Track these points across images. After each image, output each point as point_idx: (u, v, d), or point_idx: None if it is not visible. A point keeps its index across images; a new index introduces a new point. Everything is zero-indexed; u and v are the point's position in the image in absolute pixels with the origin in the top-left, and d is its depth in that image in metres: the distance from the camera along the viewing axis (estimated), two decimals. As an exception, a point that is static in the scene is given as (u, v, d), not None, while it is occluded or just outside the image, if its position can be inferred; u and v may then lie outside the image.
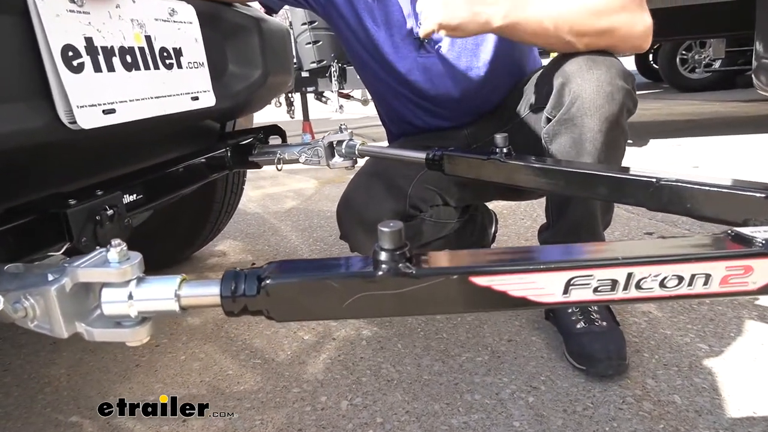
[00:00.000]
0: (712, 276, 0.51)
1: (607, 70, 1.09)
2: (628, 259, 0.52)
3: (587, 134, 1.11)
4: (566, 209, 1.26)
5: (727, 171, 3.02)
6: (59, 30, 0.78)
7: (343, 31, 1.38)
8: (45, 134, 0.78)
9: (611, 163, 1.16)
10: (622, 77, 1.10)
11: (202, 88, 1.12)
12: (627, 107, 1.11)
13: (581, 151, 1.13)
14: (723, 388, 1.14)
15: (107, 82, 0.86)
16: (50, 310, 0.54)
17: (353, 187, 1.37)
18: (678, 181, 0.78)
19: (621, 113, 1.10)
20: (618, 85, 1.09)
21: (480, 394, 1.19)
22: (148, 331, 0.57)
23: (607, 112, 1.09)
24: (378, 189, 1.32)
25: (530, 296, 0.52)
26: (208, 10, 1.18)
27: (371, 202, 1.30)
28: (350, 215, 1.33)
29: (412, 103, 1.42)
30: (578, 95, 1.10)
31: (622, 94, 1.09)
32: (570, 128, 1.13)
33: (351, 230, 1.35)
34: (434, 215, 1.36)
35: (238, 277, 0.55)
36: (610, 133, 1.11)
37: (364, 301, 0.53)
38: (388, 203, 1.29)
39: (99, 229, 0.85)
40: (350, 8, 1.33)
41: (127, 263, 0.54)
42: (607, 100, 1.08)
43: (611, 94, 1.08)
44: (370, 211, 1.29)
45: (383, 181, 1.33)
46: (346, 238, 1.38)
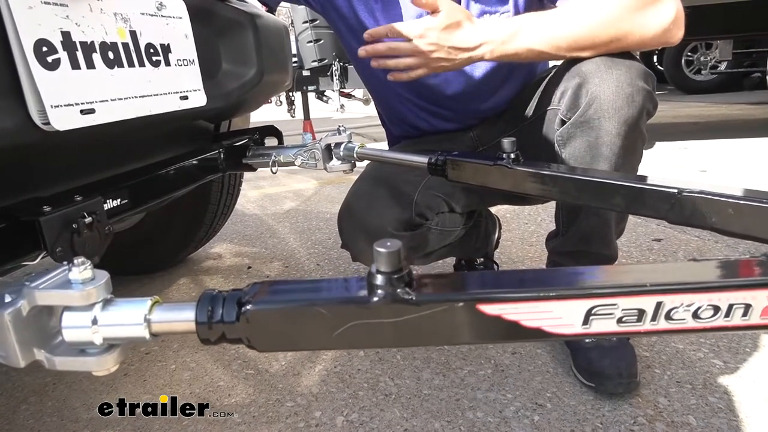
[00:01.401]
0: (753, 306, 0.45)
1: (627, 70, 1.03)
2: (656, 285, 0.46)
3: (604, 138, 1.05)
4: (578, 217, 1.20)
5: (736, 176, 2.95)
6: (32, 23, 0.72)
7: (343, 31, 1.32)
8: (15, 136, 0.72)
9: (628, 170, 1.09)
10: (642, 78, 1.04)
11: (192, 86, 1.06)
12: (647, 110, 1.05)
13: (597, 156, 1.07)
14: (740, 408, 1.08)
15: (86, 80, 0.80)
16: (3, 337, 0.48)
17: (355, 194, 1.30)
18: (702, 193, 0.72)
19: (641, 116, 1.04)
20: (638, 86, 1.02)
21: (482, 412, 1.13)
22: (115, 359, 0.50)
23: (626, 115, 1.02)
24: (382, 196, 1.24)
25: (546, 327, 0.46)
26: (199, 4, 1.11)
27: (375, 209, 1.23)
28: (352, 224, 1.26)
29: (414, 105, 1.35)
30: (596, 96, 1.04)
31: (642, 96, 1.03)
32: (586, 131, 1.07)
33: (353, 239, 1.27)
34: (440, 223, 1.29)
35: (215, 301, 0.49)
36: (629, 137, 1.05)
37: (357, 330, 0.46)
38: (392, 211, 1.22)
39: (76, 238, 0.79)
40: (350, 8, 1.26)
41: (92, 284, 0.48)
42: (627, 101, 1.02)
43: (631, 95, 1.02)
44: (373, 220, 1.22)
45: (387, 187, 1.26)
46: (347, 247, 1.30)
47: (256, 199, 3.22)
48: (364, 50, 1.12)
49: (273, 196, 3.26)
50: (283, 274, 1.99)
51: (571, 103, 1.08)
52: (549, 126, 1.20)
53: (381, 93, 1.43)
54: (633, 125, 1.04)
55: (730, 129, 4.52)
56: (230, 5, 1.23)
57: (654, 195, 0.77)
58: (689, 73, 7.37)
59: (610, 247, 1.23)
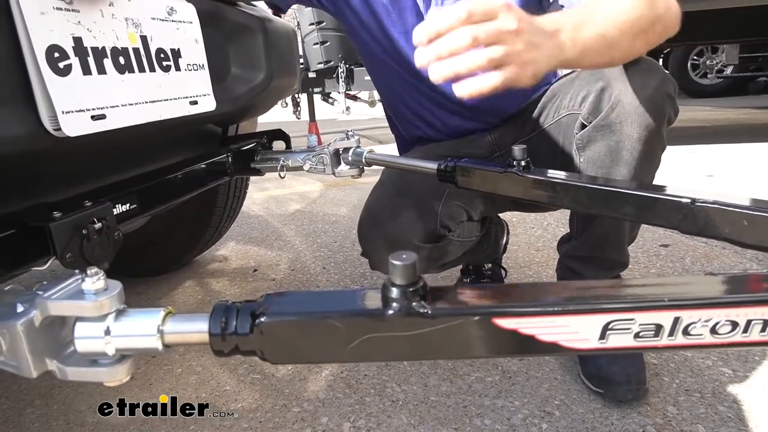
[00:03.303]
0: (772, 322, 0.45)
1: (650, 75, 1.03)
2: (674, 300, 0.45)
3: (625, 142, 1.04)
4: (592, 222, 1.20)
5: (743, 180, 2.93)
6: (44, 29, 0.71)
7: (357, 29, 1.30)
8: (26, 142, 0.71)
9: (645, 176, 1.09)
10: (665, 84, 1.04)
11: (201, 91, 1.06)
12: (669, 116, 1.05)
13: (616, 160, 1.06)
14: (750, 418, 1.07)
15: (97, 85, 0.80)
16: (16, 347, 0.48)
17: (378, 203, 1.26)
18: (715, 203, 0.71)
19: (662, 122, 1.04)
20: (662, 92, 1.02)
21: (490, 419, 1.12)
22: (127, 370, 0.50)
23: (648, 120, 1.02)
24: (407, 207, 1.21)
25: (562, 341, 0.46)
26: (209, 9, 1.11)
27: (400, 221, 1.20)
28: (377, 235, 1.22)
29: (431, 100, 1.32)
30: (619, 100, 1.03)
31: (665, 102, 1.03)
32: (607, 135, 1.06)
33: (376, 250, 1.23)
34: (460, 234, 1.27)
35: (229, 312, 0.48)
36: (649, 143, 1.05)
37: (371, 343, 0.46)
38: (418, 223, 1.19)
39: (86, 243, 0.78)
40: (365, 5, 1.25)
41: (105, 295, 0.48)
42: (650, 107, 1.02)
43: (654, 101, 1.02)
44: (399, 231, 1.18)
45: (412, 197, 1.22)
46: (368, 255, 1.27)
47: (262, 201, 3.21)
48: (424, 57, 0.72)
49: (278, 198, 3.26)
50: (289, 277, 1.98)
51: (593, 106, 1.08)
52: (568, 130, 1.19)
53: (395, 91, 1.38)
54: (655, 131, 1.04)
55: (736, 133, 4.50)
56: (240, 9, 1.23)
57: (666, 205, 0.76)
58: (695, 76, 7.34)
59: (623, 254, 1.23)
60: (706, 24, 4.55)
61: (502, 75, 0.69)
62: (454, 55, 0.68)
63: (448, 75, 0.70)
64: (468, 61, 0.68)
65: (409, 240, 1.17)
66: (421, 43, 0.71)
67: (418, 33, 0.70)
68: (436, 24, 0.69)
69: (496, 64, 0.69)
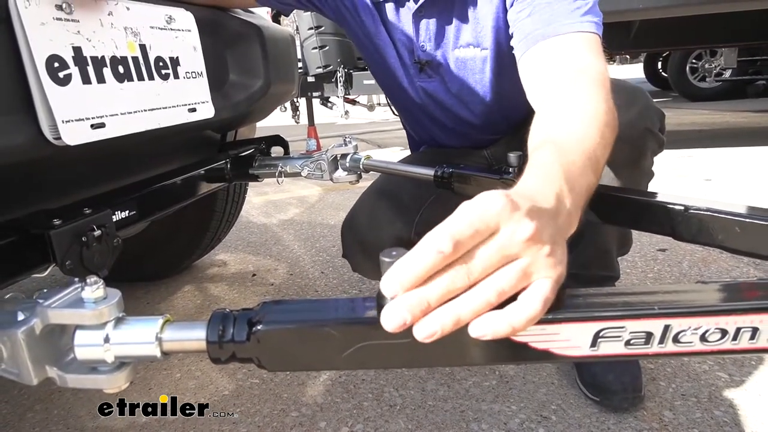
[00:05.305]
0: (761, 330, 0.46)
1: (627, 110, 1.03)
2: (664, 309, 0.46)
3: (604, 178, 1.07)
4: (577, 246, 1.21)
5: (741, 185, 2.94)
6: (44, 39, 0.72)
7: (357, 33, 1.30)
8: (27, 151, 0.72)
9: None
10: (642, 118, 1.05)
11: (200, 99, 1.07)
12: (652, 149, 1.07)
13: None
14: (746, 423, 1.08)
15: (97, 94, 0.81)
16: (17, 355, 0.48)
17: (359, 206, 1.30)
18: (709, 210, 0.72)
19: (643, 157, 1.07)
20: (638, 128, 1.04)
21: (487, 423, 1.13)
22: (126, 377, 0.51)
23: (629, 156, 1.04)
24: (384, 211, 1.24)
25: (554, 349, 0.46)
26: (207, 17, 1.12)
27: (375, 225, 1.23)
28: (352, 237, 1.26)
29: (428, 117, 1.33)
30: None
31: (643, 137, 1.05)
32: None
33: (352, 252, 1.28)
34: None
35: (226, 320, 0.49)
36: (631, 178, 1.08)
37: (366, 351, 0.47)
38: (392, 228, 1.21)
39: (85, 251, 0.79)
40: (366, 10, 1.24)
41: (104, 303, 0.49)
42: (629, 142, 1.02)
43: (633, 138, 1.03)
44: (371, 236, 1.22)
45: (391, 202, 1.25)
46: (347, 258, 1.32)
47: (261, 205, 3.22)
48: (398, 316, 0.42)
49: (277, 203, 3.27)
50: (288, 281, 1.99)
51: None
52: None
53: (397, 95, 1.36)
54: (633, 165, 1.07)
55: (734, 137, 4.51)
56: (238, 17, 1.24)
57: (660, 211, 0.77)
58: (694, 80, 7.35)
59: (612, 270, 1.26)
60: (704, 27, 4.57)
61: (535, 303, 0.43)
62: (445, 302, 0.43)
63: (446, 329, 0.42)
64: (471, 301, 0.42)
65: (381, 244, 1.18)
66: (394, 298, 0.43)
67: (387, 286, 0.42)
68: (411, 269, 0.42)
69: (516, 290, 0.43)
